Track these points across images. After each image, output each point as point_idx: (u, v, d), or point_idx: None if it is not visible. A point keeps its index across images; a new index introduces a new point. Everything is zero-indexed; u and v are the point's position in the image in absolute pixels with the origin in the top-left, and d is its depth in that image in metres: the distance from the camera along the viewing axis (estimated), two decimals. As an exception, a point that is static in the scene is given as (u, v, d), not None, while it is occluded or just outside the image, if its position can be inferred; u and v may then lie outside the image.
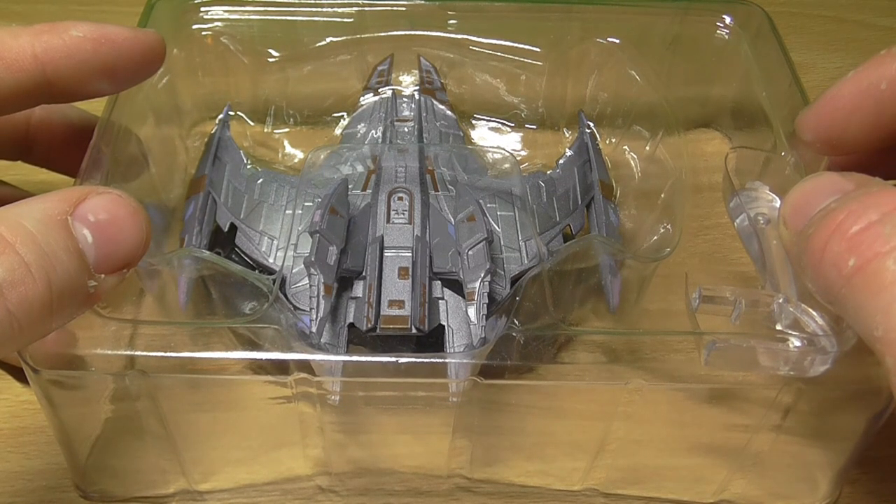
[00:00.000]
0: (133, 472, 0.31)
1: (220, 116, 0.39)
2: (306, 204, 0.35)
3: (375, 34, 0.41)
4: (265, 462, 0.31)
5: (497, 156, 0.38)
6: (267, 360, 0.27)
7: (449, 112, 0.41)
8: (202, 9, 0.40)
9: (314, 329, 0.29)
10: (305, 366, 0.26)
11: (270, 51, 0.41)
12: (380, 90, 0.41)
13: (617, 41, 0.40)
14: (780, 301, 0.26)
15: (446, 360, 0.28)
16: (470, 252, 0.31)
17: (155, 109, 0.37)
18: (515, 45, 0.41)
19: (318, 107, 0.43)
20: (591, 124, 0.40)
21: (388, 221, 0.32)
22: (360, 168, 0.37)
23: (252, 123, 0.42)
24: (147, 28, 0.34)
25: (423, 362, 0.26)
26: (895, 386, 0.20)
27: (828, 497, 0.31)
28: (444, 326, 0.31)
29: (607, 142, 0.41)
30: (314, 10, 0.40)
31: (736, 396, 0.28)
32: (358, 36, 0.41)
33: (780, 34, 0.38)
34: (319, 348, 0.29)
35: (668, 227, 0.35)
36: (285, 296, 0.32)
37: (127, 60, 0.28)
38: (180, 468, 0.30)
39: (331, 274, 0.30)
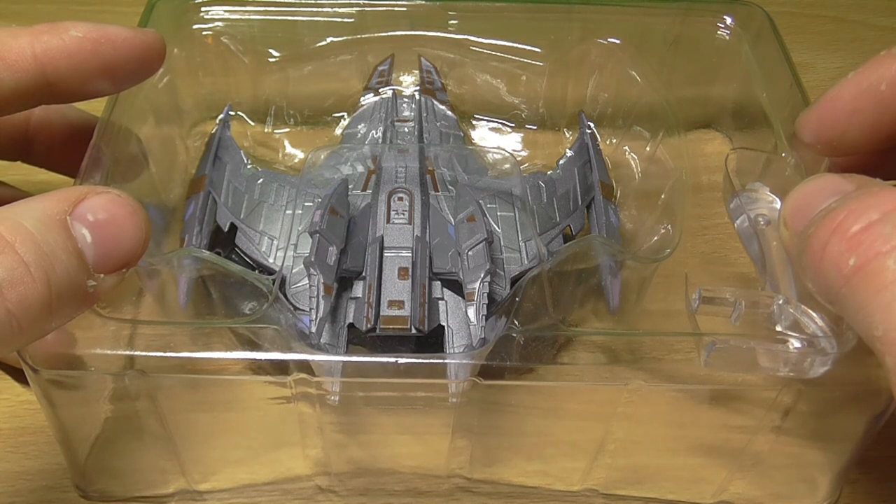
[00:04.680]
0: (132, 471, 0.31)
1: (221, 116, 0.39)
2: (306, 204, 0.35)
3: (376, 34, 0.41)
4: (265, 462, 0.31)
5: (497, 156, 0.38)
6: (267, 360, 0.27)
7: (449, 112, 0.41)
8: (202, 9, 0.40)
9: (314, 329, 0.29)
10: (305, 366, 0.26)
11: (271, 51, 0.41)
12: (380, 90, 0.41)
13: (617, 41, 0.40)
14: (780, 302, 0.26)
15: (446, 361, 0.28)
16: (470, 252, 0.31)
17: (155, 109, 0.37)
18: (516, 45, 0.41)
19: (318, 107, 0.43)
20: (592, 125, 0.40)
21: (388, 221, 0.32)
22: (360, 168, 0.37)
23: (252, 123, 0.42)
24: (147, 28, 0.34)
25: (422, 363, 0.26)
26: (895, 386, 0.20)
27: (828, 498, 0.31)
28: (443, 327, 0.31)
29: (608, 142, 0.41)
30: (315, 10, 0.40)
31: (736, 397, 0.28)
32: (358, 36, 0.41)
33: (781, 35, 0.38)
34: (319, 348, 0.29)
35: (669, 227, 0.35)
36: (285, 296, 0.32)
37: (127, 60, 0.28)
38: (180, 468, 0.30)
39: (331, 274, 0.30)
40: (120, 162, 0.32)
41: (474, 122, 0.43)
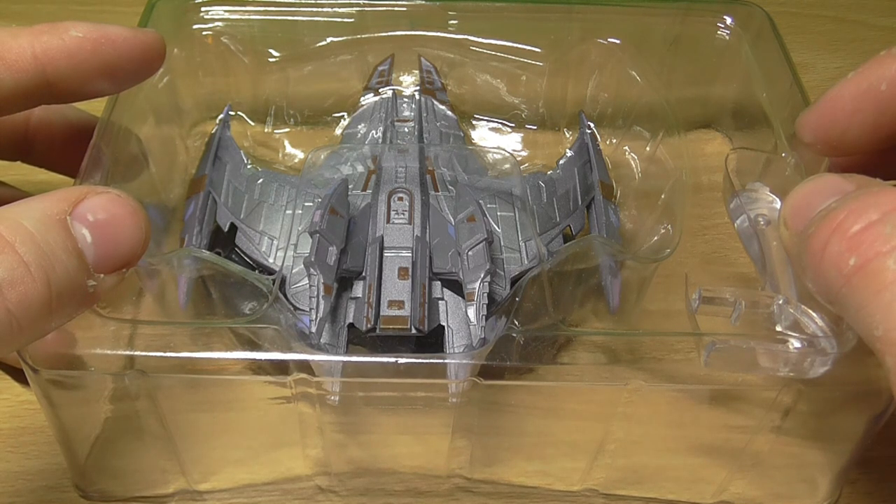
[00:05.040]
0: (133, 471, 0.31)
1: (221, 116, 0.39)
2: (306, 204, 0.35)
3: (376, 34, 0.41)
4: (265, 462, 0.31)
5: (497, 156, 0.38)
6: (267, 360, 0.27)
7: (449, 112, 0.41)
8: (202, 9, 0.40)
9: (314, 329, 0.29)
10: (305, 366, 0.26)
11: (271, 51, 0.41)
12: (380, 90, 0.41)
13: (617, 41, 0.40)
14: (780, 302, 0.26)
15: (446, 361, 0.28)
16: (470, 252, 0.31)
17: (155, 109, 0.37)
18: (516, 45, 0.41)
19: (318, 107, 0.43)
20: (592, 125, 0.40)
21: (388, 221, 0.32)
22: (360, 168, 0.37)
23: (252, 123, 0.42)
24: (147, 28, 0.34)
25: (422, 363, 0.26)
26: (895, 386, 0.20)
27: (828, 498, 0.31)
28: (443, 327, 0.31)
29: (608, 142, 0.41)
30: (315, 10, 0.40)
31: (736, 397, 0.28)
32: (358, 36, 0.41)
33: (781, 35, 0.38)
34: (319, 348, 0.29)
35: (669, 227, 0.35)
36: (285, 296, 0.32)
37: (127, 60, 0.28)
38: (180, 468, 0.30)
39: (330, 274, 0.30)
40: (120, 162, 0.32)
41: (474, 122, 0.43)
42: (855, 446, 0.29)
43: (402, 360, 0.26)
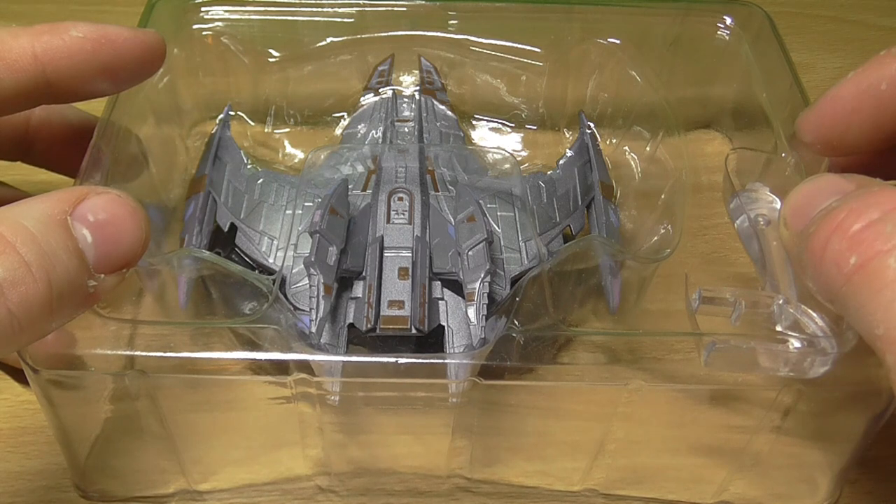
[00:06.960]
0: (133, 471, 0.31)
1: (221, 116, 0.39)
2: (306, 204, 0.35)
3: (376, 34, 0.41)
4: (265, 462, 0.31)
5: (497, 156, 0.38)
6: (267, 360, 0.27)
7: (449, 112, 0.41)
8: (202, 9, 0.40)
9: (314, 329, 0.29)
10: (305, 366, 0.26)
11: (271, 51, 0.41)
12: (380, 90, 0.41)
13: (617, 42, 0.40)
14: (781, 302, 0.26)
15: (446, 361, 0.28)
16: (470, 252, 0.31)
17: (155, 109, 0.37)
18: (516, 45, 0.41)
19: (318, 107, 0.43)
20: (592, 125, 0.40)
21: (388, 222, 0.32)
22: (360, 168, 0.37)
23: (252, 123, 0.42)
24: (147, 28, 0.34)
25: (422, 363, 0.26)
26: (896, 384, 0.20)
27: (828, 498, 0.31)
28: (443, 327, 0.31)
29: (608, 142, 0.41)
30: (315, 10, 0.40)
31: (736, 397, 0.28)
32: (358, 36, 0.41)
33: (781, 35, 0.38)
34: (319, 348, 0.29)
35: (669, 227, 0.35)
36: (285, 296, 0.32)
37: (127, 60, 0.28)
38: (180, 468, 0.30)
39: (331, 274, 0.30)
40: (120, 162, 0.32)
41: (474, 122, 0.43)
42: (855, 446, 0.29)
43: (402, 360, 0.26)
